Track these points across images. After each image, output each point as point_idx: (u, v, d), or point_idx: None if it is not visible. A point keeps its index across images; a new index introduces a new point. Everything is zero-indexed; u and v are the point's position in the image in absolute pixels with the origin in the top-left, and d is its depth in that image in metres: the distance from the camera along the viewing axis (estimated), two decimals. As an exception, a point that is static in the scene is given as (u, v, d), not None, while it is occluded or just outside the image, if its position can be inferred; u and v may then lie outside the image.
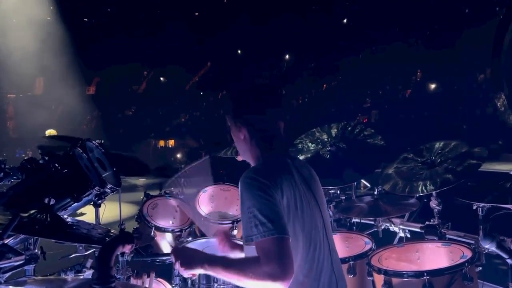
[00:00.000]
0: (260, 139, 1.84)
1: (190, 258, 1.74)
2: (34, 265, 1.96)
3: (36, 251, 1.92)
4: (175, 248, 1.89)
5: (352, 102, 17.30)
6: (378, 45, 17.44)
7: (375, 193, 3.60)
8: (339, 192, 3.99)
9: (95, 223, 3.06)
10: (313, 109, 17.67)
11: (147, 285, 2.73)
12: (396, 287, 2.46)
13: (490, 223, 2.90)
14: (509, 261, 1.99)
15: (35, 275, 2.06)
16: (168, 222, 3.68)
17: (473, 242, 3.10)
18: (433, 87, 16.30)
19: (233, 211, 3.85)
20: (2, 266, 1.72)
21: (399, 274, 2.50)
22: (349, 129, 4.07)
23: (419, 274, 2.39)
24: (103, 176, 2.15)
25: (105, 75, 20.80)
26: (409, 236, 3.72)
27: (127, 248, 1.51)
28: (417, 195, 3.39)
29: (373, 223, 3.86)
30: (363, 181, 6.88)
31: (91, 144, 2.28)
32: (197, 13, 22.08)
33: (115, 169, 2.37)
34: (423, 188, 3.23)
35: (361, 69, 17.66)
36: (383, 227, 3.79)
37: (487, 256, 2.96)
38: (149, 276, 2.77)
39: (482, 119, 13.21)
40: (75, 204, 2.02)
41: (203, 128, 19.31)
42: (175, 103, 21.89)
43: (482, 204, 2.99)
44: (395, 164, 3.66)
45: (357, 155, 3.79)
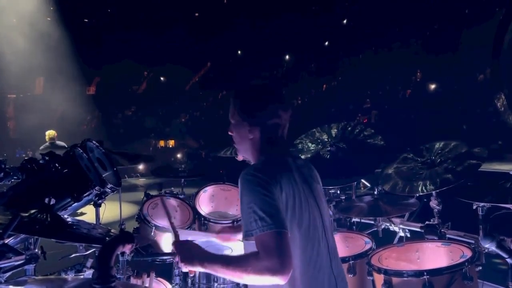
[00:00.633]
0: (269, 140, 1.85)
1: (190, 254, 1.75)
2: (34, 264, 1.96)
3: (36, 250, 1.93)
4: (177, 241, 1.89)
5: (352, 102, 17.29)
6: (378, 45, 17.43)
7: (375, 193, 3.61)
8: (339, 192, 4.00)
9: (95, 223, 3.06)
10: (313, 109, 17.65)
11: (147, 285, 2.74)
12: (396, 286, 2.46)
13: (490, 223, 2.90)
14: (509, 260, 1.99)
15: (35, 274, 2.06)
16: (168, 222, 3.67)
17: (473, 241, 3.12)
18: (433, 87, 16.29)
19: (233, 211, 3.85)
20: (2, 265, 1.72)
21: (399, 273, 2.50)
22: (349, 129, 4.07)
23: (419, 273, 2.40)
24: (103, 176, 2.15)
25: (105, 75, 20.80)
26: (409, 235, 3.73)
27: (127, 247, 1.52)
28: (417, 195, 3.40)
29: (373, 222, 3.87)
30: (363, 181, 6.89)
31: (91, 144, 2.28)
32: (197, 14, 22.08)
33: (115, 168, 2.37)
34: (423, 188, 3.24)
35: (361, 69, 17.65)
36: (383, 227, 3.80)
37: (487, 255, 2.96)
38: (149, 276, 2.78)
39: (482, 119, 13.20)
40: (75, 204, 2.02)
41: (203, 128, 19.31)
42: (175, 103, 21.89)
43: (482, 204, 3.00)
44: (395, 164, 3.66)
45: (357, 155, 3.79)
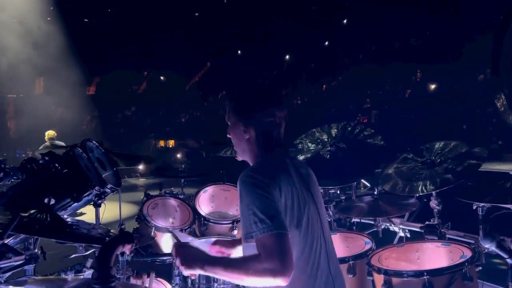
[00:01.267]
0: (264, 140, 1.84)
1: (191, 257, 1.74)
2: (34, 265, 1.96)
3: (36, 251, 1.92)
4: (177, 244, 1.88)
5: (352, 102, 17.29)
6: (378, 45, 17.44)
7: (375, 193, 3.60)
8: (339, 192, 4.00)
9: (95, 223, 3.06)
10: (313, 109, 17.66)
11: (147, 285, 2.74)
12: (396, 286, 2.46)
13: (490, 223, 2.89)
14: (509, 261, 1.98)
15: (35, 275, 2.06)
16: (168, 222, 3.67)
17: (473, 242, 3.11)
18: (433, 87, 16.29)
19: (233, 211, 3.85)
20: (2, 266, 1.72)
21: (399, 273, 2.50)
22: (349, 129, 4.07)
23: (419, 273, 2.39)
24: (103, 176, 2.15)
25: (105, 75, 20.80)
26: (409, 235, 3.73)
27: (127, 248, 1.51)
28: (417, 195, 3.39)
29: (373, 223, 3.86)
30: (363, 181, 6.89)
31: (91, 144, 2.28)
32: (197, 14, 22.08)
33: (115, 169, 2.37)
34: (423, 188, 3.23)
35: (361, 69, 17.66)
36: (383, 227, 3.79)
37: (487, 256, 2.96)
38: (149, 276, 2.78)
39: (482, 119, 13.19)
40: (75, 204, 2.02)
41: (203, 128, 19.30)
42: (175, 103, 21.89)
43: (482, 204, 3.00)
44: (395, 164, 3.66)
45: (357, 155, 3.79)
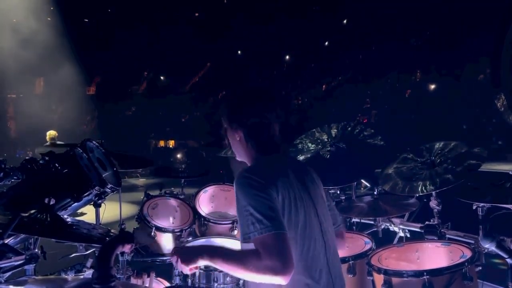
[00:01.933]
0: (254, 141, 1.87)
1: (189, 253, 1.77)
2: (34, 264, 1.96)
3: (36, 250, 1.92)
4: (176, 248, 1.90)
5: (352, 102, 17.29)
6: (377, 45, 17.43)
7: (375, 193, 3.60)
8: (339, 192, 4.00)
9: (95, 223, 3.06)
10: (313, 109, 17.67)
11: (147, 285, 2.74)
12: (396, 286, 2.46)
13: (490, 223, 2.90)
14: (509, 261, 1.98)
15: (35, 274, 2.06)
16: (168, 222, 3.67)
17: (473, 242, 3.11)
18: (433, 87, 16.30)
19: (233, 211, 3.85)
20: (2, 265, 1.72)
21: (399, 273, 2.49)
22: (349, 129, 4.07)
23: (419, 273, 2.39)
24: (103, 176, 2.15)
25: (105, 75, 20.79)
26: (409, 236, 3.73)
27: (127, 247, 1.52)
28: (417, 195, 3.39)
29: (373, 223, 3.86)
30: (363, 181, 6.88)
31: (91, 144, 2.28)
32: (197, 14, 22.08)
33: (115, 169, 2.38)
34: (423, 188, 3.23)
35: (361, 69, 17.66)
36: (383, 227, 3.79)
37: (487, 256, 2.96)
38: (149, 276, 2.78)
39: (482, 119, 13.21)
40: (75, 204, 2.02)
41: (203, 128, 19.30)
42: (175, 103, 21.88)
43: (482, 204, 3.00)
44: (395, 164, 3.66)
45: (357, 155, 3.79)
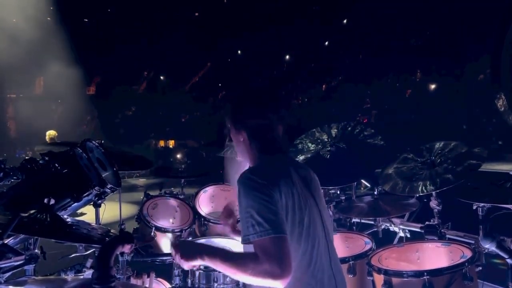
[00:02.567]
0: (258, 142, 1.88)
1: (189, 249, 1.77)
2: (34, 265, 1.96)
3: (36, 251, 1.92)
4: (175, 242, 1.91)
5: (352, 102, 17.29)
6: (377, 45, 17.43)
7: (375, 193, 3.60)
8: (339, 192, 3.99)
9: (95, 223, 3.06)
10: (313, 109, 17.67)
11: (147, 285, 2.74)
12: (396, 287, 2.46)
13: (490, 223, 2.89)
14: (509, 261, 1.98)
15: (35, 275, 2.06)
16: (168, 222, 3.67)
17: (473, 242, 3.11)
18: (433, 87, 16.30)
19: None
20: (2, 266, 1.72)
21: (399, 274, 2.49)
22: (349, 129, 4.07)
23: (419, 274, 2.39)
24: (103, 176, 2.15)
25: (105, 75, 20.79)
26: (409, 236, 3.73)
27: (127, 248, 1.51)
28: (417, 195, 3.39)
29: (373, 223, 3.86)
30: (363, 181, 6.87)
31: (91, 144, 2.27)
32: (197, 14, 22.08)
33: (115, 169, 2.37)
34: (423, 188, 3.23)
35: (361, 69, 17.66)
36: (383, 227, 3.79)
37: (487, 256, 2.96)
38: (149, 276, 2.77)
39: (482, 119, 13.21)
40: (75, 204, 2.01)
41: (203, 128, 19.30)
42: (175, 103, 21.88)
43: (482, 204, 3.00)
44: (395, 164, 3.65)
45: (357, 155, 3.79)
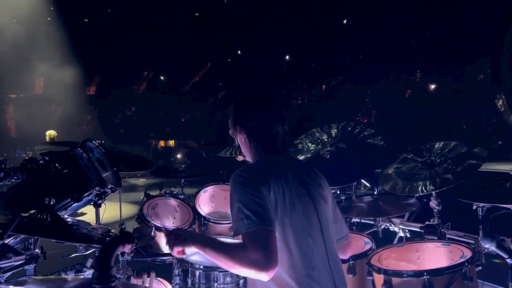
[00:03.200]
0: (257, 142, 1.93)
1: (183, 235, 1.80)
2: (34, 264, 1.97)
3: (36, 251, 1.93)
4: (168, 230, 1.93)
5: (352, 102, 17.30)
6: (377, 46, 17.44)
7: (375, 193, 3.61)
8: (339, 192, 4.00)
9: (95, 223, 3.06)
10: (313, 109, 17.68)
11: (147, 285, 2.74)
12: (396, 286, 2.46)
13: (490, 223, 2.90)
14: (509, 261, 1.98)
15: (35, 274, 2.06)
16: (168, 222, 3.68)
17: (473, 242, 3.11)
18: (433, 87, 16.30)
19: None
20: (2, 266, 1.72)
21: (399, 273, 2.50)
22: (349, 129, 4.07)
23: (419, 273, 2.40)
24: (103, 176, 2.15)
25: (105, 75, 20.79)
26: (409, 235, 3.73)
27: (127, 248, 1.51)
28: (417, 195, 3.40)
29: (373, 223, 3.86)
30: (363, 181, 6.87)
31: (91, 144, 2.28)
32: (197, 14, 22.08)
33: (115, 169, 2.37)
34: (423, 188, 3.24)
35: (361, 69, 17.66)
36: (383, 227, 3.79)
37: (487, 256, 2.96)
38: (149, 276, 2.78)
39: (482, 119, 13.21)
40: (76, 204, 2.01)
41: (203, 128, 19.30)
42: (175, 103, 21.88)
43: (482, 204, 3.00)
44: (395, 164, 3.66)
45: (357, 155, 3.79)
